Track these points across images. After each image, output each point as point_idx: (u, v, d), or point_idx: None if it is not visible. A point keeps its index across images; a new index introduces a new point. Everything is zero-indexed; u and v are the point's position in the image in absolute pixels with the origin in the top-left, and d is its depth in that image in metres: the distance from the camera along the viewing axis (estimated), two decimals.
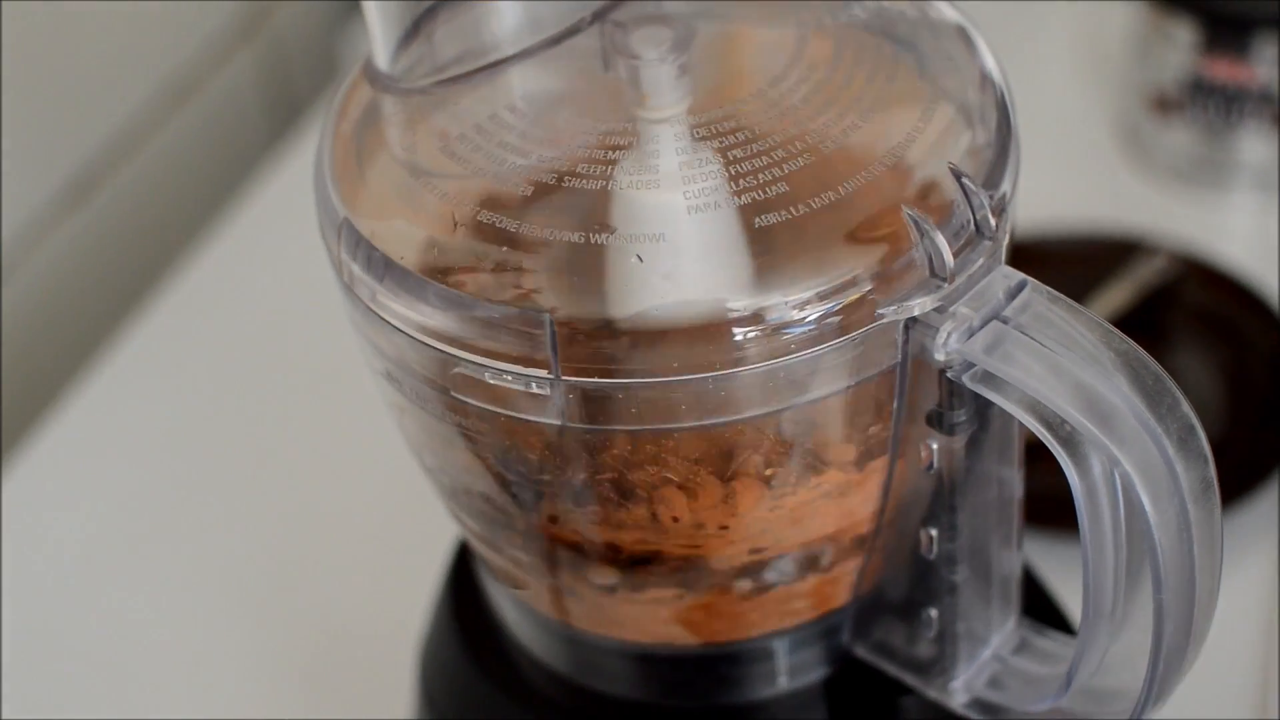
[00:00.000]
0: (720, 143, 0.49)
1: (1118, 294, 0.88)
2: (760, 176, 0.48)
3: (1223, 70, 0.95)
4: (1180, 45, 0.95)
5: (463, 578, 0.64)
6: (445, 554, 0.66)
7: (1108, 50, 1.06)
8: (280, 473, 0.88)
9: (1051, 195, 0.93)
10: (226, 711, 0.77)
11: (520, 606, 0.59)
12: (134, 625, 0.81)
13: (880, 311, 0.48)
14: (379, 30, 0.53)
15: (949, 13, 0.54)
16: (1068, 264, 0.90)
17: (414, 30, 0.54)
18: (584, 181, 0.49)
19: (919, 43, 0.53)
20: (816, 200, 0.48)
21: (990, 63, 0.53)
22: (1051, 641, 0.57)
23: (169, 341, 0.95)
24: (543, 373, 0.48)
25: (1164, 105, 0.98)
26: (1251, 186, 0.98)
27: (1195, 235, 0.94)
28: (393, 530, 0.83)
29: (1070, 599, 0.62)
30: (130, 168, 1.03)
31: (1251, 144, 0.96)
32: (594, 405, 0.48)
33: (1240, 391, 0.85)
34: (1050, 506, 0.65)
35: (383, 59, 0.53)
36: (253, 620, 0.80)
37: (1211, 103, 0.96)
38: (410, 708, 0.67)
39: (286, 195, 1.04)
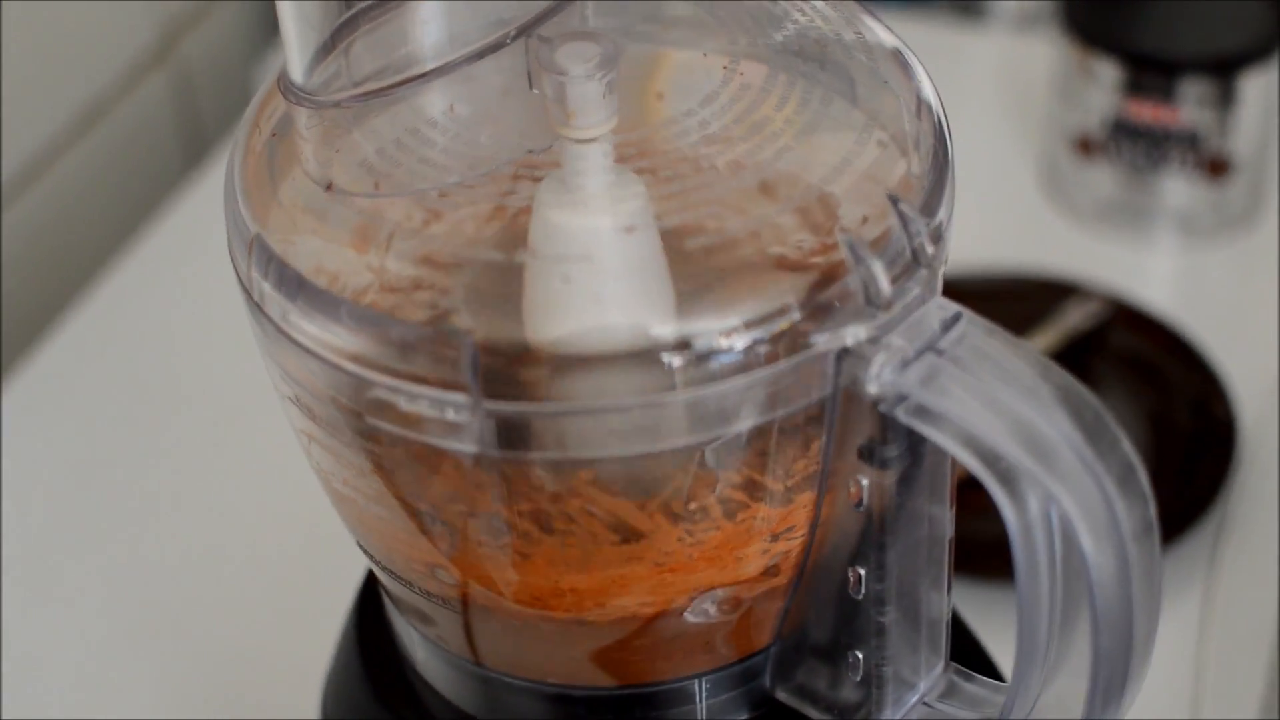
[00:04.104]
0: (648, 163, 0.48)
1: (1043, 337, 0.87)
2: (689, 199, 0.47)
3: (1146, 112, 0.94)
4: (1104, 86, 0.94)
5: (369, 613, 0.61)
6: (354, 587, 0.64)
7: (1031, 90, 1.05)
8: (184, 502, 0.85)
9: (970, 234, 0.92)
10: None
11: (429, 644, 0.57)
12: (26, 653, 0.78)
13: (813, 340, 0.46)
14: (295, 41, 0.51)
15: (886, 36, 0.53)
16: (991, 305, 0.88)
17: (331, 43, 0.52)
18: (508, 199, 0.47)
19: (855, 67, 0.51)
20: (747, 225, 0.46)
21: (927, 88, 0.51)
22: (980, 687, 0.55)
23: (75, 369, 0.93)
24: (461, 397, 0.46)
25: (1087, 146, 0.97)
26: (1173, 229, 0.97)
27: (1114, 277, 0.93)
28: (301, 562, 0.81)
29: (996, 648, 0.61)
30: (40, 190, 1.00)
31: (1174, 186, 0.96)
32: (514, 432, 0.46)
33: (1165, 436, 0.84)
34: (980, 551, 0.63)
35: (298, 71, 0.51)
36: (153, 653, 0.78)
37: (1135, 144, 0.95)
38: None
39: (196, 221, 1.02)
